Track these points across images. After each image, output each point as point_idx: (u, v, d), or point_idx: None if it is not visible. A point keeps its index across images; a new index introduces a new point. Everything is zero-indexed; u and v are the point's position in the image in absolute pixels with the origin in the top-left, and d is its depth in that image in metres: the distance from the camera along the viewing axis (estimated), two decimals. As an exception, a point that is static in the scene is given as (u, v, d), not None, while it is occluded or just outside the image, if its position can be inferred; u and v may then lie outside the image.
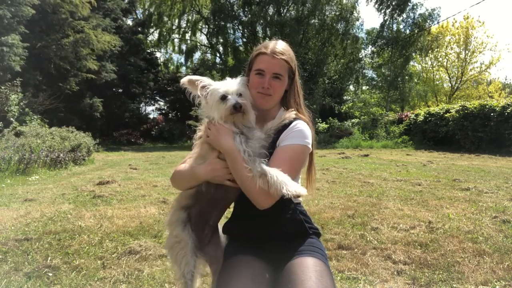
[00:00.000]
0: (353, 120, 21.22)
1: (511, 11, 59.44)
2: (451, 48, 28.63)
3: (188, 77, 1.45)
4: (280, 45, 1.53)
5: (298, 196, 1.28)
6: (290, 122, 1.49)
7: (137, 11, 29.29)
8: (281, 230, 1.48)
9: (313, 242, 1.49)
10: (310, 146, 1.45)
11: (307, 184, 1.60)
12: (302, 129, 1.47)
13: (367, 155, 11.81)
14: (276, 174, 1.29)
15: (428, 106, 24.20)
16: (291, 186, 1.26)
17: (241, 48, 26.23)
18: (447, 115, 15.24)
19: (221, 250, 1.66)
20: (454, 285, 2.22)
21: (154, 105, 32.72)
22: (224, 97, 1.39)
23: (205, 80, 1.45)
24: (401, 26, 24.77)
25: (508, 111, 12.67)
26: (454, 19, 28.38)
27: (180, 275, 1.49)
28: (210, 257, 1.68)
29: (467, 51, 28.09)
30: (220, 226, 1.72)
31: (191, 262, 1.49)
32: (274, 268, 1.40)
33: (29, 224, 3.52)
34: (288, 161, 1.38)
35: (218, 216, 1.64)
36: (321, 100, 23.80)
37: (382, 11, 24.27)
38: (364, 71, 28.05)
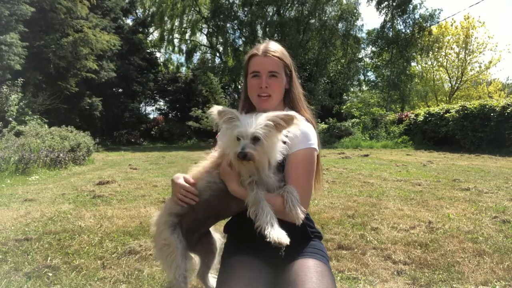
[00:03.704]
0: (353, 120, 21.20)
1: (510, 10, 59.41)
2: (451, 48, 28.64)
3: (218, 108, 1.40)
4: (271, 44, 1.53)
5: (279, 244, 1.21)
6: None
7: (137, 11, 29.30)
8: None
9: (315, 244, 1.50)
10: (315, 146, 1.45)
11: (315, 185, 1.60)
12: (304, 131, 1.45)
13: (367, 155, 11.81)
14: (268, 212, 1.26)
15: (428, 106, 24.20)
16: (275, 232, 1.22)
17: (241, 48, 26.25)
18: (447, 115, 15.23)
19: (213, 243, 1.69)
20: (454, 285, 2.22)
21: (154, 105, 32.74)
22: (238, 139, 1.31)
23: (233, 114, 1.38)
24: (401, 27, 24.77)
25: (508, 111, 12.67)
26: (452, 19, 28.38)
27: (171, 277, 1.52)
28: (204, 253, 1.70)
29: (467, 51, 28.09)
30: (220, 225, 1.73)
31: (181, 266, 1.51)
32: (273, 269, 1.40)
33: (29, 224, 3.52)
34: (301, 169, 1.41)
35: (212, 224, 1.65)
36: (321, 100, 23.80)
37: (383, 11, 24.26)
38: (364, 72, 28.07)
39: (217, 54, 28.48)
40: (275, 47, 1.51)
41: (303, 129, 1.45)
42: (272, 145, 1.32)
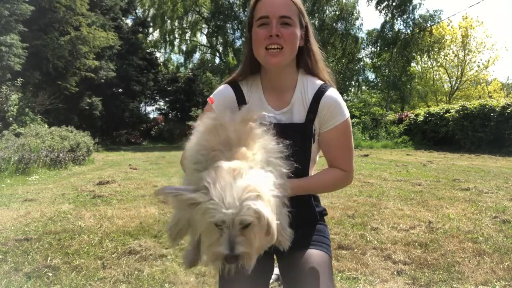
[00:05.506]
0: (353, 120, 21.20)
1: (508, 9, 59.44)
2: (450, 48, 28.68)
3: (165, 189, 0.87)
4: None
5: None
6: (321, 92, 1.24)
7: (137, 11, 29.31)
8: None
9: (320, 228, 1.41)
10: (348, 114, 1.29)
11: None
12: (337, 99, 1.24)
13: (367, 155, 11.81)
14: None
15: (428, 106, 24.22)
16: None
17: (241, 48, 26.25)
18: (447, 115, 15.24)
19: None
20: (454, 285, 2.22)
21: (154, 105, 32.74)
22: (218, 225, 0.82)
23: (188, 194, 0.85)
24: (402, 27, 24.77)
25: (508, 111, 12.67)
26: (449, 19, 28.41)
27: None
28: None
29: (466, 51, 28.11)
30: None
31: None
32: (278, 256, 1.35)
33: (29, 224, 3.51)
34: (343, 141, 1.27)
35: None
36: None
37: (383, 11, 24.25)
38: (364, 72, 28.06)
39: (217, 54, 28.49)
40: None
41: (335, 96, 1.24)
42: (263, 231, 0.85)
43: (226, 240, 0.81)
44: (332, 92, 1.25)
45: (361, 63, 27.31)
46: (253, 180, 0.85)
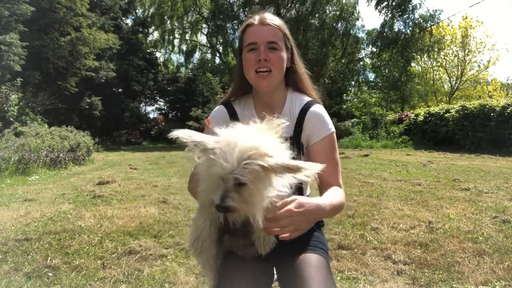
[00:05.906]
0: (353, 120, 21.19)
1: (508, 9, 59.45)
2: (450, 48, 28.71)
3: (184, 132, 0.98)
4: (268, 14, 1.35)
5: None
6: (306, 107, 1.34)
7: (137, 11, 29.30)
8: None
9: (317, 236, 1.43)
10: (333, 129, 1.36)
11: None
12: (322, 114, 1.35)
13: (367, 155, 11.81)
14: None
15: (428, 106, 24.22)
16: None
17: (241, 48, 26.20)
18: (447, 115, 15.23)
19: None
20: (454, 285, 2.22)
21: (154, 105, 32.74)
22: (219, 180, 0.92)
23: (205, 140, 0.95)
24: (401, 27, 24.76)
25: (508, 111, 12.66)
26: (449, 19, 28.43)
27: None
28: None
29: (466, 51, 28.13)
30: None
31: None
32: (276, 264, 1.37)
33: (29, 224, 3.52)
34: (326, 156, 1.32)
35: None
36: (321, 100, 23.80)
37: (383, 11, 24.25)
38: (364, 72, 28.04)
39: (217, 54, 28.48)
40: (272, 16, 1.34)
41: (319, 111, 1.34)
42: (261, 192, 0.93)
43: (219, 191, 0.91)
44: (317, 108, 1.35)
45: (361, 63, 27.30)
46: (260, 141, 0.93)
